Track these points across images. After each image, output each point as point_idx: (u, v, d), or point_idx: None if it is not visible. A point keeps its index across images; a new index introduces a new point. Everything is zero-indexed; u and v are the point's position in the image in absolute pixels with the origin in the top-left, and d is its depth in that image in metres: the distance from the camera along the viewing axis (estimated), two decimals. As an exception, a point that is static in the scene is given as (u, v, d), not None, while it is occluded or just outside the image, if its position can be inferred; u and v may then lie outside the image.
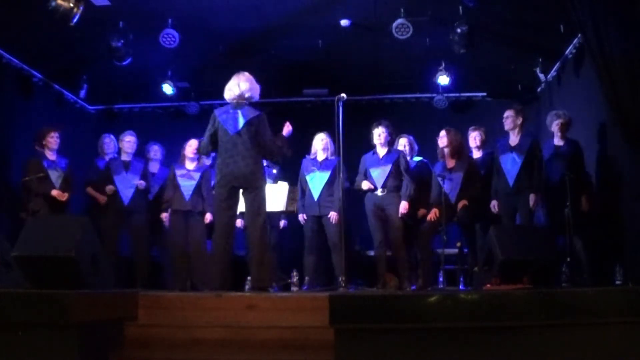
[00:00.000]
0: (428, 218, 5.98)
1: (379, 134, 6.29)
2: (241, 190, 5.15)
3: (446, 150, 6.13)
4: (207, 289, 5.10)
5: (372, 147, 6.45)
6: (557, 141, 6.03)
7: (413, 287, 6.02)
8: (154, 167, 7.13)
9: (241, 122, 5.11)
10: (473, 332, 3.34)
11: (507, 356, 3.33)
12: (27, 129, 6.95)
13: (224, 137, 5.13)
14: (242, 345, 3.88)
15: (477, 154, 6.59)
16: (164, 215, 6.57)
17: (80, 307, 3.52)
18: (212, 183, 6.15)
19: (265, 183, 5.26)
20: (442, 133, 6.18)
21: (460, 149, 6.15)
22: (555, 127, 6.03)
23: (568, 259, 5.37)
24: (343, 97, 5.27)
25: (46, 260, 4.14)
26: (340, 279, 5.23)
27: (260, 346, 3.86)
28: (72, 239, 4.15)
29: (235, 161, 5.04)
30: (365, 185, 6.23)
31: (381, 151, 6.33)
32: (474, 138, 6.63)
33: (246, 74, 5.29)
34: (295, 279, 5.98)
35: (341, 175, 5.62)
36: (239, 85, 5.20)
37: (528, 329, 3.35)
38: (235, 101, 5.21)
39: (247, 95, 5.19)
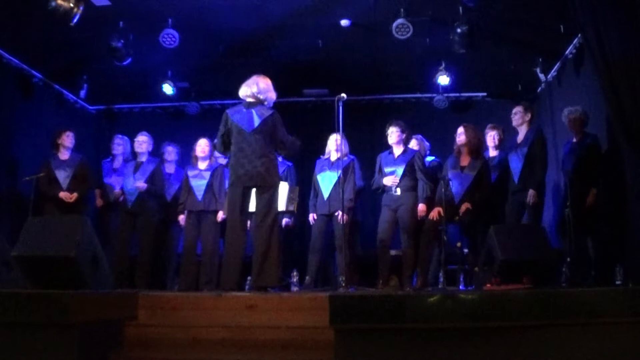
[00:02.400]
0: (430, 217, 5.95)
1: (390, 133, 6.27)
2: (254, 190, 5.15)
3: (463, 148, 6.03)
4: (218, 288, 5.08)
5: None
6: (574, 137, 5.99)
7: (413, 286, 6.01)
8: (170, 168, 7.12)
9: (256, 120, 5.11)
10: (473, 332, 3.34)
11: (507, 356, 3.33)
12: (27, 129, 6.97)
13: (239, 137, 5.12)
14: (242, 345, 3.88)
15: (493, 153, 6.49)
16: (181, 218, 6.57)
17: (80, 307, 3.52)
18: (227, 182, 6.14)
19: (279, 182, 5.27)
20: (460, 130, 6.06)
21: (478, 147, 6.03)
22: (567, 124, 5.99)
23: (568, 259, 5.36)
24: (343, 97, 5.27)
25: (46, 260, 4.14)
26: (340, 279, 5.22)
27: (260, 346, 3.86)
28: (72, 239, 4.14)
29: (250, 160, 5.04)
30: (388, 180, 6.17)
31: (397, 151, 6.30)
32: (492, 137, 6.48)
33: (267, 78, 5.32)
34: (295, 279, 5.98)
35: (341, 174, 5.62)
36: (258, 84, 5.22)
37: (528, 329, 3.35)
38: (248, 100, 5.22)
39: (261, 97, 5.22)
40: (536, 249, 4.65)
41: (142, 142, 6.85)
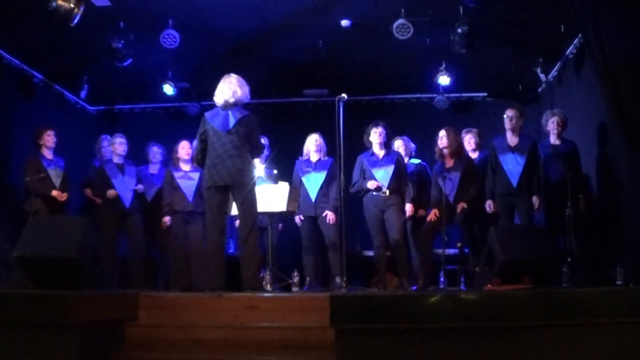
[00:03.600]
0: (428, 219, 5.97)
1: (378, 134, 6.28)
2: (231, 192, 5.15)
3: (445, 150, 6.11)
4: (207, 289, 5.10)
5: (370, 147, 6.42)
6: (554, 140, 6.02)
7: (414, 288, 6.02)
8: (154, 169, 7.10)
9: (232, 121, 5.12)
10: (474, 332, 3.34)
11: (507, 356, 3.33)
12: (28, 129, 6.95)
13: (214, 138, 5.13)
14: (242, 345, 3.88)
15: (473, 156, 6.54)
16: (166, 219, 6.56)
17: (80, 308, 3.52)
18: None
19: (254, 182, 5.25)
20: (442, 133, 6.15)
21: (459, 149, 6.15)
22: (551, 125, 6.03)
23: (568, 259, 5.36)
24: (344, 97, 5.27)
25: (47, 260, 4.15)
26: (341, 279, 5.21)
27: (261, 346, 3.87)
28: (73, 240, 4.15)
29: (222, 160, 5.04)
30: (372, 184, 6.18)
31: (379, 152, 6.31)
32: (468, 141, 6.59)
33: (232, 77, 5.29)
34: (296, 280, 5.98)
35: (341, 175, 5.61)
36: (223, 92, 5.22)
37: (528, 329, 3.35)
38: (223, 104, 5.23)
39: (231, 101, 5.19)
40: (537, 249, 4.65)
41: (124, 144, 6.84)
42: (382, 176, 6.20)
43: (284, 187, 6.23)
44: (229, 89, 5.21)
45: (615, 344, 3.32)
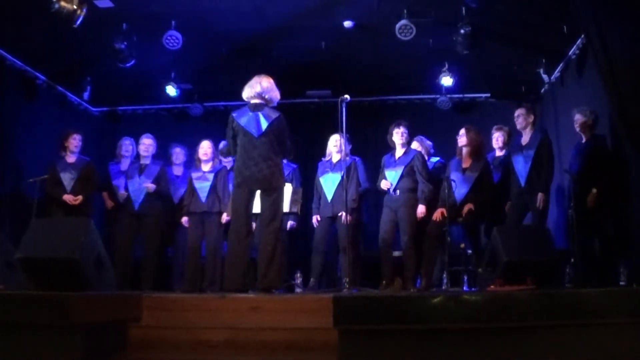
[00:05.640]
0: (433, 218, 5.93)
1: (400, 134, 6.24)
2: (259, 192, 5.14)
3: (465, 149, 6.04)
4: (222, 289, 5.08)
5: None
6: (581, 139, 5.96)
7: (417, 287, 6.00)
8: (178, 171, 7.08)
9: (264, 124, 5.09)
10: (477, 333, 3.34)
11: (510, 357, 3.32)
12: (31, 130, 6.97)
13: (245, 139, 5.10)
14: (245, 346, 3.88)
15: (499, 154, 6.51)
16: (184, 219, 6.57)
17: (83, 309, 3.52)
18: (230, 184, 6.13)
19: (284, 184, 5.26)
20: (462, 131, 6.08)
21: (479, 149, 6.04)
22: (575, 124, 5.97)
23: (572, 260, 5.34)
24: (346, 98, 5.27)
25: (49, 262, 4.15)
26: (344, 280, 5.22)
27: (264, 348, 3.86)
28: (75, 241, 4.15)
29: (256, 163, 5.02)
30: (384, 184, 6.19)
31: (398, 152, 6.29)
32: (497, 138, 6.54)
33: (269, 77, 5.29)
34: (299, 281, 5.98)
35: (343, 176, 5.62)
36: (261, 84, 5.19)
37: (531, 330, 3.34)
38: (253, 101, 5.19)
39: (266, 96, 5.19)
40: (539, 250, 4.64)
41: (149, 144, 6.83)
42: (392, 176, 6.20)
43: (286, 188, 6.24)
44: (261, 84, 5.20)
45: (618, 344, 3.31)
